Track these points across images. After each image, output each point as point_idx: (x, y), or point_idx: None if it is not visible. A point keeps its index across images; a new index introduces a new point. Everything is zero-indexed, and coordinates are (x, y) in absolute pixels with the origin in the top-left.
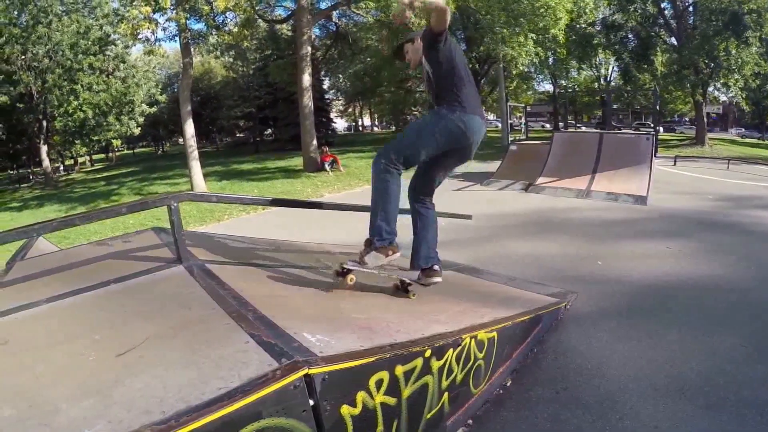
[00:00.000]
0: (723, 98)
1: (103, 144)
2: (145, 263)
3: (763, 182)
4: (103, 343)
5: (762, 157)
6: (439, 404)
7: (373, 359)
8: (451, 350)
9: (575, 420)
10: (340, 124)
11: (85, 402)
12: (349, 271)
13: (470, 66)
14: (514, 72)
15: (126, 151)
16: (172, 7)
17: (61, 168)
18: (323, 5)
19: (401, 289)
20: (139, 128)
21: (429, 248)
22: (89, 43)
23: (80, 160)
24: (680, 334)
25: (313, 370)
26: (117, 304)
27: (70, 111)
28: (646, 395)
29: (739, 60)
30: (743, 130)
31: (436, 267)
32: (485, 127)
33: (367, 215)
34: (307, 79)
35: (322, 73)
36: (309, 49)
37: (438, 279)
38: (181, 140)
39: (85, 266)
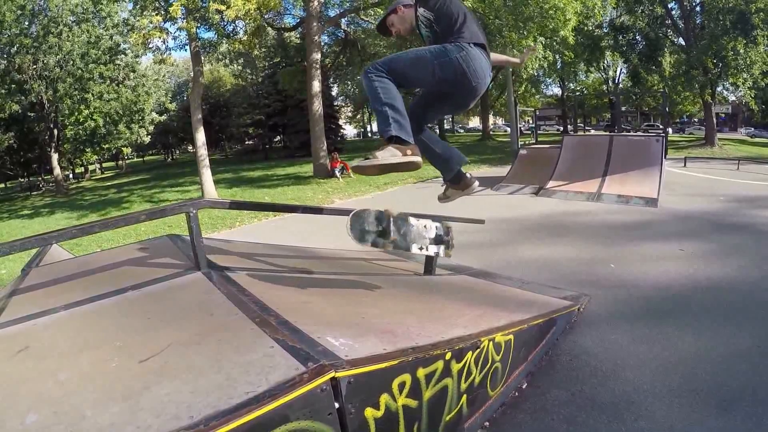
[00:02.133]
0: (732, 98)
1: (113, 152)
2: (163, 270)
3: None
4: (126, 349)
5: None
6: (458, 406)
7: (396, 362)
8: (470, 353)
9: (591, 421)
10: (349, 131)
11: (113, 408)
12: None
13: None
14: (524, 76)
15: (136, 159)
16: (182, 17)
17: (71, 176)
18: (332, 13)
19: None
20: (149, 136)
21: (458, 156)
22: (100, 52)
23: (90, 167)
24: (695, 336)
25: (340, 374)
26: (137, 311)
27: (81, 119)
28: (661, 396)
29: (748, 59)
30: (753, 129)
31: (468, 175)
32: (490, 72)
33: None
34: (317, 86)
35: (331, 80)
36: (318, 55)
37: (476, 183)
38: (190, 148)
39: (102, 273)
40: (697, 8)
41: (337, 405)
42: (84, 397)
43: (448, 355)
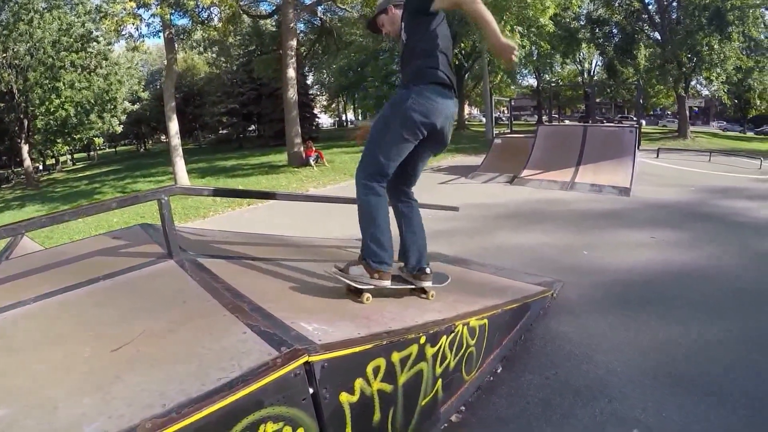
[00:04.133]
0: (705, 92)
1: (85, 142)
2: (135, 259)
3: (744, 174)
4: (98, 339)
5: (742, 150)
6: (433, 391)
7: (370, 346)
8: (444, 337)
9: (566, 404)
10: (325, 121)
11: (85, 399)
12: (361, 291)
13: (455, 62)
14: (501, 66)
15: (108, 150)
16: (156, 2)
17: (41, 167)
18: (308, 0)
19: (416, 290)
20: (121, 126)
21: (420, 252)
22: (71, 40)
23: (61, 159)
24: (667, 321)
25: (313, 358)
26: (109, 301)
27: (52, 109)
28: (635, 379)
29: (722, 54)
30: (725, 123)
31: (427, 270)
32: (454, 104)
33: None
34: (291, 72)
35: (306, 68)
36: (294, 42)
37: (428, 282)
38: (163, 137)
39: (73, 264)
40: (674, 3)
41: (311, 390)
42: (56, 389)
43: (423, 339)
